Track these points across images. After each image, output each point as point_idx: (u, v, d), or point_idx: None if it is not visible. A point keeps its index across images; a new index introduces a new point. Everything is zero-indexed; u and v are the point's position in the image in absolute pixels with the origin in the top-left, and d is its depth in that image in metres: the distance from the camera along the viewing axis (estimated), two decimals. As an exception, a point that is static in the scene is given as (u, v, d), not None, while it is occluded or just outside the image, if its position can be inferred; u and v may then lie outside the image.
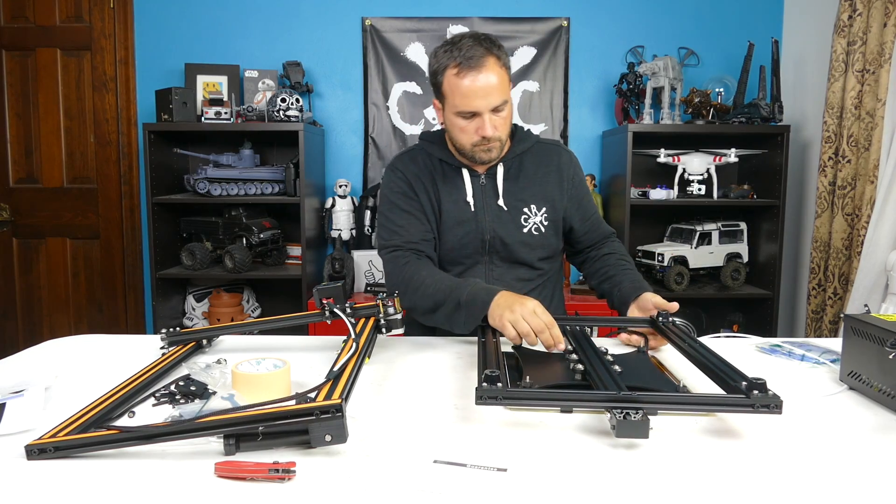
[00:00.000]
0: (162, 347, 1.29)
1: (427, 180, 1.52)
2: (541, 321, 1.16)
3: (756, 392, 0.86)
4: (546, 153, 1.57)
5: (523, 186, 1.52)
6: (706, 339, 1.33)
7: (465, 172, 1.51)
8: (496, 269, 1.52)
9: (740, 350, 1.35)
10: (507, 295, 1.25)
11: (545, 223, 1.52)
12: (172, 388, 1.04)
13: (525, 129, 1.59)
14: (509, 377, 1.07)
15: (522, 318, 1.16)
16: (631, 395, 0.88)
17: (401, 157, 1.58)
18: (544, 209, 1.52)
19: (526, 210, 1.51)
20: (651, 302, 1.36)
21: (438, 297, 1.34)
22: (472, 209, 1.50)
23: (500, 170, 1.51)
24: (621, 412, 0.84)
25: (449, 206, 1.50)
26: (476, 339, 1.39)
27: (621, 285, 1.48)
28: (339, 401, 0.80)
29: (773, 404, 0.86)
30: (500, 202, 1.50)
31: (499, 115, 1.39)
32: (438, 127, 3.08)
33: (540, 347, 1.20)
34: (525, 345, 1.20)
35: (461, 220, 1.50)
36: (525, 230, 1.51)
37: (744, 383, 0.88)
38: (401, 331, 1.29)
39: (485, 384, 0.90)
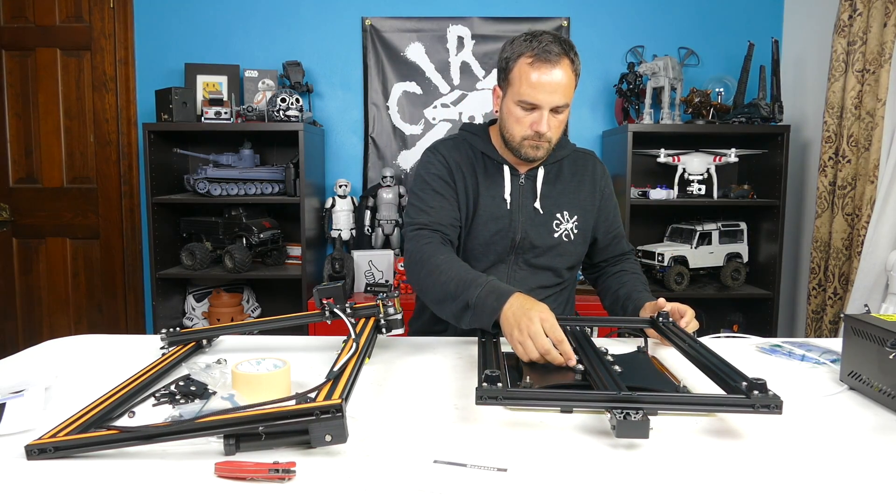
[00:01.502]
0: (162, 347, 1.29)
1: (468, 170, 1.50)
2: (546, 342, 1.09)
3: (756, 392, 0.87)
4: (582, 162, 1.57)
5: (560, 192, 1.52)
6: (706, 340, 1.33)
7: (507, 169, 1.49)
8: (519, 271, 1.51)
9: (740, 350, 1.35)
10: (517, 304, 1.17)
11: (575, 231, 1.52)
12: (172, 388, 1.04)
13: (564, 136, 1.57)
14: (509, 377, 1.07)
15: (530, 337, 1.10)
16: (631, 396, 0.88)
17: (444, 142, 1.56)
18: (576, 217, 1.52)
19: (559, 215, 1.50)
20: (665, 303, 1.35)
21: (449, 288, 1.29)
22: (508, 207, 1.49)
23: (541, 172, 1.50)
24: (621, 412, 0.84)
25: (486, 200, 1.49)
26: (476, 339, 1.40)
27: (633, 295, 1.49)
28: (339, 401, 0.80)
29: (773, 404, 0.86)
30: (537, 204, 1.49)
31: (556, 116, 1.39)
32: (444, 126, 3.11)
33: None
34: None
35: (496, 216, 1.48)
36: (556, 235, 1.50)
37: (744, 383, 0.88)
38: (401, 331, 1.28)
39: (485, 384, 0.90)
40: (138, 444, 0.82)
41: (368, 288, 2.90)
